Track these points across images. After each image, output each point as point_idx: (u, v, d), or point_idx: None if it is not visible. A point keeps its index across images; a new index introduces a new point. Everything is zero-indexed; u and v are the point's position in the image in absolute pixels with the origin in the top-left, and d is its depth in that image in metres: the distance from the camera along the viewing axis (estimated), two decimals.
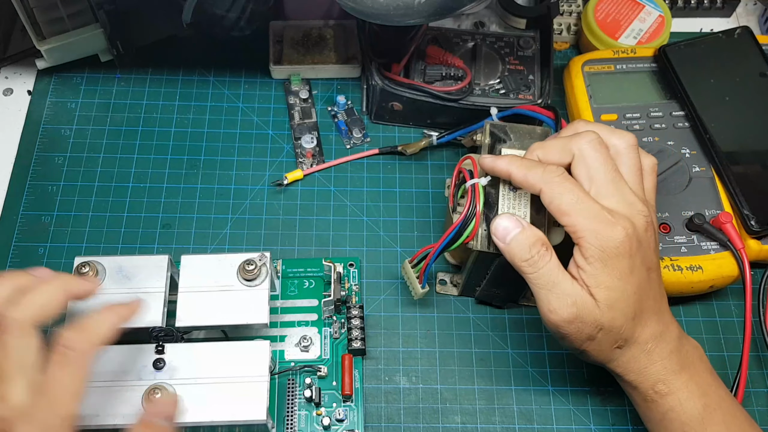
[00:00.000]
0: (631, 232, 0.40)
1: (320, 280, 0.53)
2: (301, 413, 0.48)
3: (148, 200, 0.57)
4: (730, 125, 0.55)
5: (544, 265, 0.42)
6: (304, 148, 0.59)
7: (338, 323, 0.52)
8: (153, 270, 0.46)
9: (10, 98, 0.61)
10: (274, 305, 0.52)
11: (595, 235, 0.40)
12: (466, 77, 0.57)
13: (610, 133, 0.44)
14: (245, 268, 0.46)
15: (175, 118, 0.61)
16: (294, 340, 0.51)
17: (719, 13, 0.69)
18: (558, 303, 0.41)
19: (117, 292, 0.46)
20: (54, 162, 0.58)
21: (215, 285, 0.46)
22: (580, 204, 0.41)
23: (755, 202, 0.53)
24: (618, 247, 0.40)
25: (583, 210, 0.41)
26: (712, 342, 0.53)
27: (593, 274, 0.41)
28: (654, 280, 0.43)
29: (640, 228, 0.41)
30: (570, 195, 0.41)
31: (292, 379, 0.49)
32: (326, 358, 0.50)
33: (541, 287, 0.42)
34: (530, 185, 0.43)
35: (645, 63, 0.59)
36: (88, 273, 0.45)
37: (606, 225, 0.40)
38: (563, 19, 0.65)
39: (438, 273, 0.54)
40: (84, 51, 0.60)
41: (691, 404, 0.42)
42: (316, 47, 0.63)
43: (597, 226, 0.40)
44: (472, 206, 0.46)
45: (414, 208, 0.58)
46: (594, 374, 0.51)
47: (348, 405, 0.49)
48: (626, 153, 0.44)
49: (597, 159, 0.42)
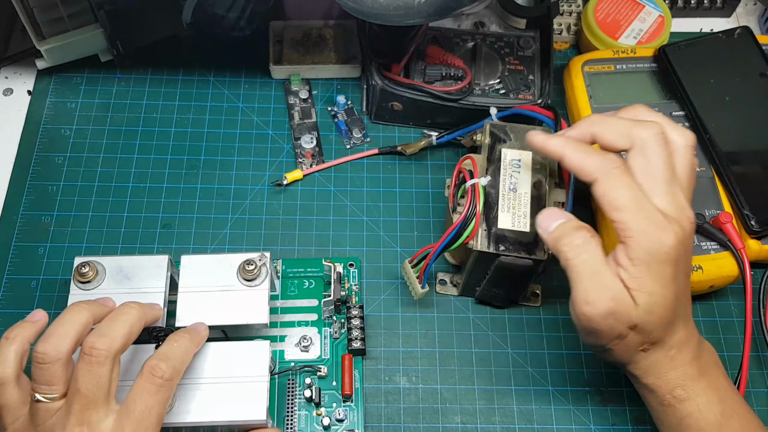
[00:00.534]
0: (681, 237, 0.39)
1: (320, 280, 0.53)
2: (301, 413, 0.48)
3: (148, 200, 0.57)
4: (730, 125, 0.55)
5: (588, 252, 0.39)
6: (304, 149, 0.59)
7: (338, 323, 0.52)
8: (153, 270, 0.46)
9: (10, 98, 0.61)
10: (274, 305, 0.52)
11: (645, 237, 0.38)
12: (466, 77, 0.57)
13: (671, 128, 0.42)
14: (245, 268, 0.46)
15: (175, 118, 0.61)
16: (294, 340, 0.51)
17: (719, 13, 0.69)
18: (596, 294, 0.39)
19: (117, 292, 0.46)
20: (54, 162, 0.58)
21: (215, 285, 0.46)
22: (637, 202, 0.39)
23: (755, 202, 0.53)
24: (668, 252, 0.38)
25: (638, 209, 0.38)
26: (712, 342, 0.52)
27: (636, 277, 0.39)
28: (688, 286, 0.42)
29: (687, 234, 0.39)
30: (627, 191, 0.39)
31: (292, 379, 0.49)
32: (326, 358, 0.50)
33: (581, 275, 0.39)
34: (586, 173, 0.40)
35: (645, 63, 0.59)
36: (88, 273, 0.46)
37: (658, 228, 0.38)
38: (563, 19, 0.65)
39: (438, 273, 0.54)
40: (84, 51, 0.60)
41: (709, 411, 0.41)
42: (316, 47, 0.63)
43: (649, 227, 0.38)
44: (472, 206, 0.46)
45: (414, 208, 0.58)
46: (594, 374, 0.51)
47: (348, 405, 0.49)
48: (683, 152, 0.41)
49: (660, 156, 0.40)
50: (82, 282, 0.46)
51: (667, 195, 0.40)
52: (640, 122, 0.41)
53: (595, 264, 0.39)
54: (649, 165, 0.40)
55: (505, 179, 0.48)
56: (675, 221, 0.39)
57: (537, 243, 0.46)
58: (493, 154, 0.49)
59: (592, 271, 0.39)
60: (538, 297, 0.54)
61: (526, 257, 0.46)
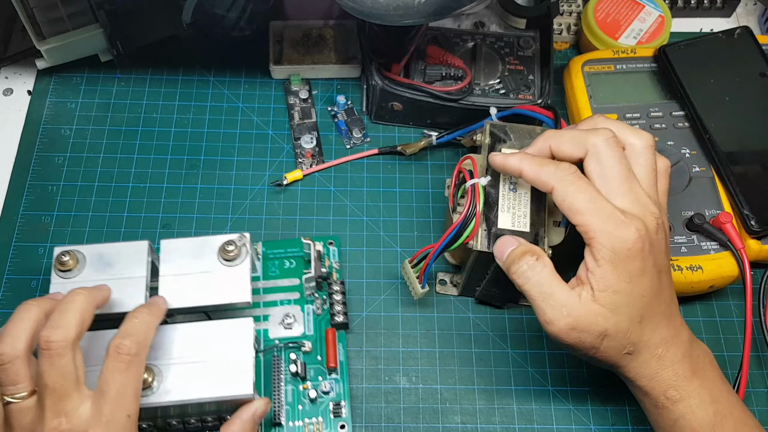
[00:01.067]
0: (643, 233, 0.40)
1: (301, 259, 0.53)
2: (288, 388, 0.49)
3: (148, 200, 0.57)
4: (730, 125, 0.55)
5: (534, 275, 0.41)
6: (304, 149, 0.59)
7: (320, 300, 0.52)
8: (133, 256, 0.47)
9: (10, 98, 0.61)
10: (256, 286, 0.52)
11: (607, 236, 0.39)
12: (466, 77, 0.57)
13: (628, 132, 0.43)
14: (225, 249, 0.46)
15: (175, 118, 0.61)
16: (277, 319, 0.51)
17: (719, 13, 0.69)
18: (553, 313, 0.41)
19: (98, 279, 0.46)
20: (54, 162, 0.58)
21: (196, 268, 0.47)
22: (593, 203, 0.40)
23: (755, 202, 0.53)
24: (630, 248, 0.39)
25: (597, 210, 0.40)
26: (712, 342, 0.53)
27: (602, 277, 0.40)
28: (665, 283, 0.42)
29: (651, 229, 0.41)
30: (583, 194, 0.40)
31: (277, 355, 0.50)
32: (310, 334, 0.51)
33: (535, 298, 0.41)
34: (542, 183, 0.42)
35: (645, 63, 0.59)
36: (68, 262, 0.45)
37: (618, 225, 0.39)
38: (563, 19, 0.65)
39: (438, 273, 0.54)
40: (84, 51, 0.60)
41: (702, 411, 0.41)
42: (316, 47, 0.63)
43: (609, 226, 0.39)
44: (472, 206, 0.46)
45: (414, 208, 0.58)
46: (594, 374, 0.51)
47: (333, 378, 0.50)
48: (643, 153, 0.43)
49: (612, 158, 0.41)
50: (63, 271, 0.46)
51: (627, 194, 0.41)
52: (592, 130, 0.43)
53: (544, 285, 0.41)
54: (604, 168, 0.41)
55: (505, 179, 0.48)
56: (636, 218, 0.40)
57: (537, 243, 0.46)
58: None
59: (544, 293, 0.41)
60: None
61: None
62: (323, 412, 0.48)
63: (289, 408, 0.48)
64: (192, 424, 0.46)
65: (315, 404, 0.49)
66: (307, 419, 0.48)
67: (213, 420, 0.46)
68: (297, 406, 0.48)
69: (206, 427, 0.46)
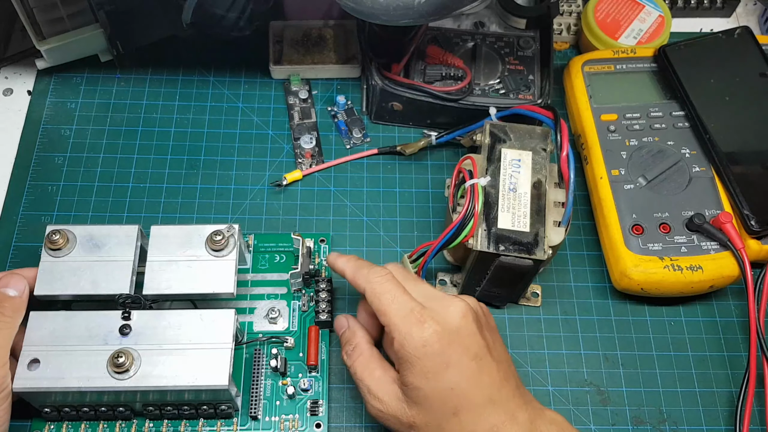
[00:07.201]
0: (439, 329, 0.40)
1: (291, 255, 0.53)
2: (266, 383, 0.49)
3: (148, 200, 0.57)
4: (730, 125, 0.55)
5: (353, 362, 0.44)
6: (303, 149, 0.59)
7: (307, 297, 0.52)
8: (123, 239, 0.47)
9: (10, 98, 0.61)
10: (245, 278, 0.52)
11: (404, 336, 0.40)
12: (465, 77, 0.57)
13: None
14: (213, 238, 0.47)
15: (175, 118, 0.61)
16: (263, 313, 0.51)
17: (719, 13, 0.69)
18: (368, 397, 0.43)
19: (87, 260, 0.46)
20: (54, 162, 0.58)
21: (183, 255, 0.47)
22: (395, 303, 0.41)
23: (755, 202, 0.53)
24: (425, 346, 0.40)
25: (398, 309, 0.41)
26: (712, 342, 0.53)
27: (403, 374, 0.41)
28: (486, 368, 0.40)
29: (453, 320, 0.41)
30: (387, 295, 0.42)
31: (259, 349, 0.50)
32: (294, 330, 0.51)
33: (357, 382, 0.44)
34: (358, 285, 0.44)
35: (645, 63, 0.59)
36: (58, 240, 0.46)
37: (413, 324, 0.40)
38: (563, 19, 0.65)
39: (438, 273, 0.54)
40: (84, 51, 0.60)
41: None
42: (316, 47, 0.63)
43: (406, 326, 0.40)
44: (471, 206, 0.46)
45: (414, 208, 0.58)
46: (594, 374, 0.51)
47: (314, 375, 0.49)
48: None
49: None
50: (53, 249, 0.46)
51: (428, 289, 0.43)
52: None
53: (362, 371, 0.43)
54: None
55: (505, 179, 0.48)
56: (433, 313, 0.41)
57: (537, 243, 0.46)
58: (493, 154, 0.49)
59: (362, 378, 0.43)
60: (538, 297, 0.54)
61: (526, 257, 0.46)
62: (300, 410, 0.48)
63: (267, 402, 0.48)
64: (169, 411, 0.46)
65: (293, 401, 0.48)
66: (284, 415, 0.48)
67: (190, 409, 0.46)
68: (275, 402, 0.48)
69: (182, 416, 0.47)
